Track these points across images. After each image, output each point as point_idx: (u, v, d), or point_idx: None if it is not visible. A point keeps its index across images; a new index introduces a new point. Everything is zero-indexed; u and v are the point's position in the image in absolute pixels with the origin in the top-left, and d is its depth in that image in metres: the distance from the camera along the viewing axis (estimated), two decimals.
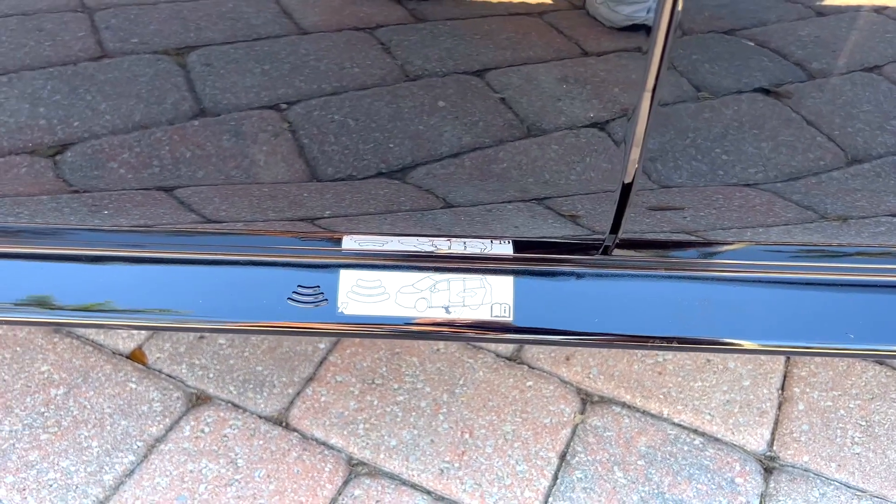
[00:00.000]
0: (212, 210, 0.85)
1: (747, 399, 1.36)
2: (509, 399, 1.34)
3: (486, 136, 0.79)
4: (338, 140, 0.79)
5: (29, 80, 0.75)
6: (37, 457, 1.22)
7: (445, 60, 0.73)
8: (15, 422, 1.27)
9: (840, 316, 0.94)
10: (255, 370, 1.37)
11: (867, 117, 0.77)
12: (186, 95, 0.76)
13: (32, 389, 1.32)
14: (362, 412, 1.31)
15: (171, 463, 1.22)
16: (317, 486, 1.20)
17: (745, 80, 0.74)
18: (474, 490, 1.21)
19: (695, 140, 0.77)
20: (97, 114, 0.77)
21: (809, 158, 0.80)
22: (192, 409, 1.30)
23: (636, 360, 1.42)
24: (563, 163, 0.79)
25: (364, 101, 0.76)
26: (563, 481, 1.22)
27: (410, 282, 0.88)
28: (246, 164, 0.81)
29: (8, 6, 0.70)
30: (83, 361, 1.37)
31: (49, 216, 0.88)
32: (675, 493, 1.21)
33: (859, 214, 0.87)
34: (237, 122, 0.78)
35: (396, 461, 1.24)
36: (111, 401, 1.31)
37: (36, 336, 1.40)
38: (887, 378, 1.40)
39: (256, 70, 0.74)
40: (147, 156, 0.80)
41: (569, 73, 0.75)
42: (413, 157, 0.80)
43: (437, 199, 0.84)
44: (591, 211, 0.83)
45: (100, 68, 0.74)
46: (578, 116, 0.76)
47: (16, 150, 0.80)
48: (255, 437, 1.26)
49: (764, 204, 0.85)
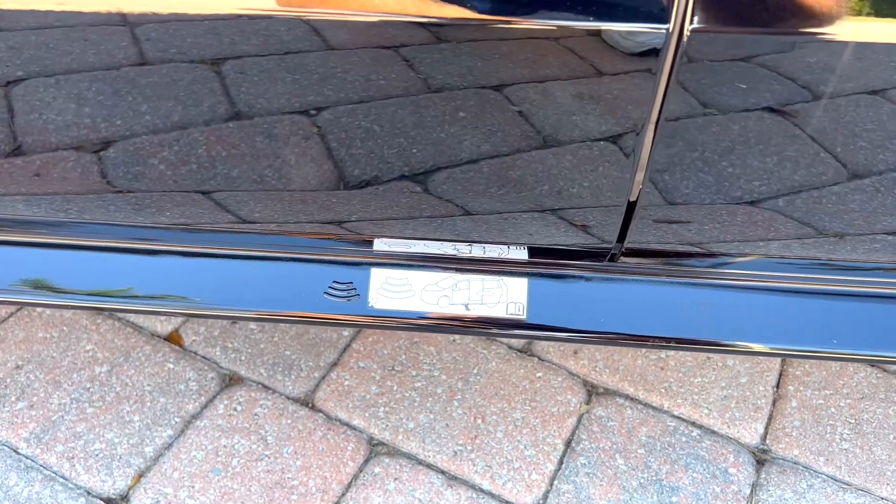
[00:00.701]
0: (255, 211, 0.93)
1: (744, 395, 1.45)
2: (520, 388, 1.44)
3: (504, 146, 0.86)
4: (364, 145, 0.85)
5: (75, 83, 0.80)
6: (84, 428, 1.33)
7: (466, 76, 0.78)
8: (63, 396, 1.38)
9: (829, 322, 1.02)
10: (283, 354, 1.47)
11: (870, 136, 0.81)
12: (222, 100, 0.81)
13: (78, 366, 1.43)
14: (383, 396, 1.41)
15: (206, 438, 1.32)
16: (340, 463, 1.30)
17: (750, 100, 0.79)
18: (485, 472, 1.30)
19: (699, 158, 0.84)
20: (138, 114, 0.82)
21: (810, 174, 0.85)
22: (226, 389, 1.40)
23: (640, 356, 1.51)
24: (575, 175, 0.87)
25: (389, 110, 0.81)
26: (568, 466, 1.32)
27: (434, 281, 0.97)
28: (278, 164, 0.87)
29: (54, 18, 0.76)
30: (124, 342, 1.48)
31: (96, 212, 0.96)
32: (671, 481, 1.30)
33: (855, 231, 0.94)
34: (269, 126, 0.83)
35: (414, 443, 1.34)
36: (151, 379, 1.41)
37: (81, 317, 1.51)
38: (877, 379, 1.48)
39: (287, 79, 0.79)
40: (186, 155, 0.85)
41: (583, 91, 0.81)
42: (435, 162, 0.86)
43: (459, 207, 0.92)
44: (599, 222, 0.92)
45: (141, 73, 0.79)
46: (589, 132, 0.82)
47: (63, 147, 0.86)
48: (283, 416, 1.36)
49: (763, 219, 0.92)
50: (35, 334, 1.48)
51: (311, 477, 1.28)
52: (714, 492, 1.29)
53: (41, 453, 1.29)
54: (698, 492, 1.29)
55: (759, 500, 1.28)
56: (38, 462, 1.28)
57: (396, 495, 1.26)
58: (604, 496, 1.28)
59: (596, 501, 1.27)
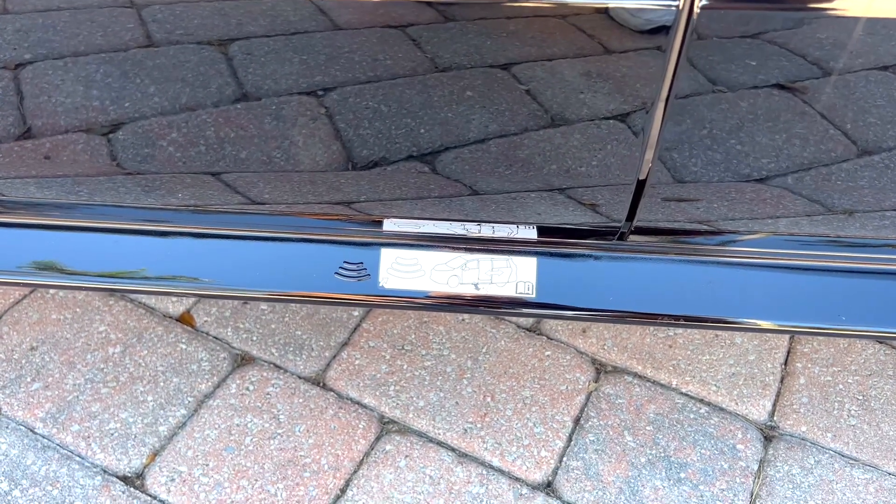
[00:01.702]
0: (265, 192, 0.94)
1: (752, 372, 1.45)
2: (529, 367, 1.45)
3: (512, 125, 0.86)
4: (372, 125, 0.85)
5: (83, 65, 0.81)
6: (98, 408, 1.35)
7: (474, 54, 0.78)
8: (78, 376, 1.39)
9: (837, 299, 1.03)
10: (294, 334, 1.48)
11: (880, 112, 0.81)
12: (229, 81, 0.82)
13: (92, 347, 1.44)
14: (393, 375, 1.42)
15: (219, 417, 1.34)
16: (351, 440, 1.32)
17: (760, 77, 0.79)
18: (495, 449, 1.32)
19: (708, 136, 0.84)
20: (146, 96, 0.83)
21: (819, 152, 0.85)
22: (238, 369, 1.42)
23: (648, 334, 1.51)
24: (583, 154, 0.87)
25: (396, 90, 0.81)
26: (577, 443, 1.33)
27: (444, 260, 0.98)
28: (286, 145, 0.87)
29: (60, 1, 0.76)
30: (137, 323, 1.49)
31: (107, 194, 0.96)
32: (680, 457, 1.31)
33: (864, 208, 0.94)
34: (277, 107, 0.84)
35: (424, 420, 1.35)
36: (163, 359, 1.43)
37: (94, 299, 1.52)
38: (886, 356, 1.49)
39: (294, 59, 0.79)
40: (195, 136, 0.86)
41: (592, 69, 0.81)
42: (443, 142, 0.86)
43: (467, 186, 0.92)
44: (608, 200, 0.92)
45: (148, 55, 0.80)
46: (599, 110, 0.82)
47: (73, 129, 0.87)
48: (295, 395, 1.38)
49: (772, 197, 0.92)
50: (49, 316, 1.50)
51: (323, 455, 1.29)
52: (722, 468, 1.30)
53: (57, 433, 1.31)
54: (706, 468, 1.30)
55: (767, 475, 1.30)
56: (55, 441, 1.30)
57: (407, 472, 1.28)
58: (612, 472, 1.29)
59: (605, 478, 1.28)
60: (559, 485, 1.27)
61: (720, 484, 1.28)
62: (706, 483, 1.28)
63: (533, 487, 1.27)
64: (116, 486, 1.24)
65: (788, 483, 1.29)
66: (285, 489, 1.25)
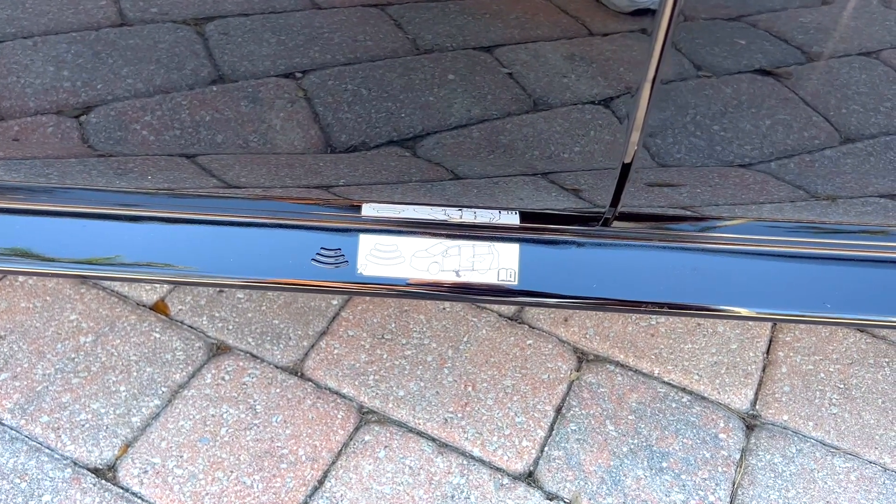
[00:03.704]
0: (241, 176, 0.92)
1: (734, 361, 1.45)
2: (510, 356, 1.43)
3: (494, 109, 0.84)
4: (351, 109, 0.83)
5: (53, 45, 0.78)
6: (69, 399, 1.31)
7: (456, 36, 0.77)
8: (48, 366, 1.36)
9: (819, 286, 1.02)
10: (271, 323, 1.45)
11: (863, 99, 0.81)
12: (205, 62, 0.79)
13: (63, 337, 1.41)
14: (372, 364, 1.40)
15: (194, 407, 1.31)
16: (330, 431, 1.29)
17: (745, 62, 0.78)
18: (476, 438, 1.30)
19: (693, 120, 0.83)
20: (119, 77, 0.80)
21: (803, 138, 0.84)
22: (213, 359, 1.39)
23: (630, 323, 1.50)
24: (567, 138, 0.86)
25: (377, 73, 0.80)
26: (559, 432, 1.32)
27: (424, 247, 0.96)
28: (263, 129, 0.85)
29: None
30: (109, 311, 1.46)
31: (78, 178, 0.94)
32: (662, 446, 1.31)
33: (847, 195, 0.93)
34: (254, 89, 0.82)
35: (404, 410, 1.33)
36: (137, 349, 1.40)
37: (64, 286, 1.48)
38: (867, 345, 1.49)
39: (272, 40, 0.77)
40: (169, 119, 0.84)
41: (575, 52, 0.79)
42: (424, 126, 0.84)
43: (449, 171, 0.90)
44: (592, 185, 0.90)
45: (121, 34, 0.77)
46: (584, 94, 0.80)
47: (43, 111, 0.84)
48: (272, 385, 1.35)
49: (755, 182, 0.91)
50: (17, 304, 1.46)
51: (300, 445, 1.27)
52: (704, 457, 1.29)
53: (26, 424, 1.27)
54: (688, 457, 1.29)
55: (749, 464, 1.29)
56: (24, 433, 1.26)
57: (387, 462, 1.26)
58: (594, 462, 1.28)
59: (586, 467, 1.27)
60: (540, 474, 1.26)
61: (702, 473, 1.27)
62: (688, 472, 1.27)
63: (514, 477, 1.25)
64: (87, 478, 1.21)
65: (770, 472, 1.28)
66: (262, 480, 1.22)
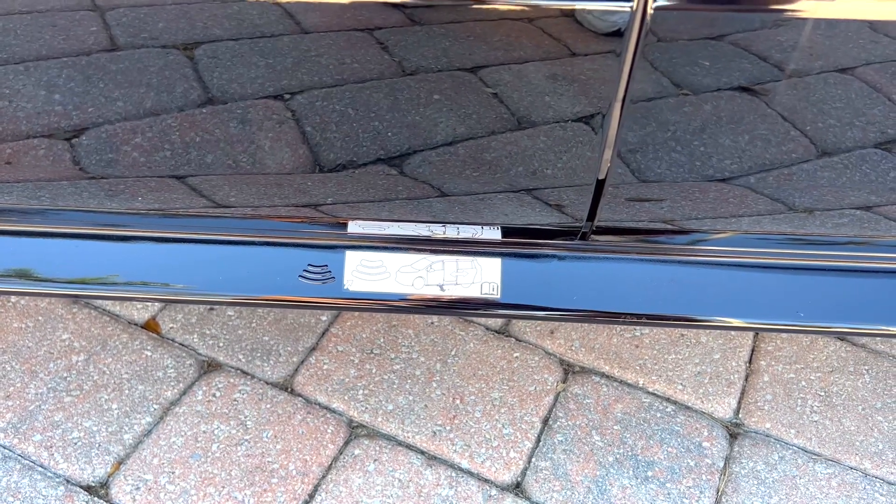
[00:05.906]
0: (230, 195, 0.94)
1: (717, 371, 1.47)
2: (497, 369, 1.45)
3: (478, 128, 0.85)
4: (338, 129, 0.85)
5: (45, 69, 0.80)
6: (61, 417, 1.33)
7: (441, 58, 0.79)
8: (40, 385, 1.37)
9: (798, 296, 1.05)
10: (261, 340, 1.47)
11: (839, 114, 0.83)
12: (195, 85, 0.81)
13: (55, 356, 1.42)
14: (362, 379, 1.42)
15: (185, 424, 1.33)
16: (320, 445, 1.31)
17: (715, 79, 0.80)
18: (464, 451, 1.32)
19: (665, 136, 0.85)
20: (110, 101, 0.82)
21: (780, 152, 0.87)
22: (204, 376, 1.41)
23: (615, 334, 1.53)
24: (546, 155, 0.88)
25: (363, 94, 0.82)
26: (546, 443, 1.34)
27: (409, 262, 0.98)
28: (252, 149, 0.87)
29: (22, 4, 0.75)
30: (101, 330, 1.47)
31: (70, 199, 0.95)
32: (647, 456, 1.33)
33: (824, 207, 0.96)
34: (243, 111, 0.83)
35: (393, 424, 1.35)
36: (128, 367, 1.41)
37: (56, 306, 1.50)
38: (846, 353, 1.52)
39: (260, 63, 0.79)
40: (160, 141, 0.86)
41: (556, 71, 0.82)
42: (410, 145, 0.87)
43: (433, 188, 0.93)
44: (570, 201, 0.93)
45: (112, 59, 0.79)
46: (561, 112, 0.83)
47: (35, 134, 0.86)
48: (262, 401, 1.37)
49: (729, 196, 0.93)
50: (10, 324, 1.47)
51: (291, 460, 1.29)
52: (688, 465, 1.32)
53: (19, 443, 1.29)
54: (673, 466, 1.31)
55: (732, 472, 1.31)
56: (16, 452, 1.28)
57: (377, 476, 1.27)
58: (581, 472, 1.30)
59: (573, 477, 1.29)
60: (528, 485, 1.28)
61: (687, 481, 1.29)
62: (673, 481, 1.29)
63: (502, 489, 1.27)
64: (80, 495, 1.23)
65: (753, 479, 1.31)
66: (253, 495, 1.24)
